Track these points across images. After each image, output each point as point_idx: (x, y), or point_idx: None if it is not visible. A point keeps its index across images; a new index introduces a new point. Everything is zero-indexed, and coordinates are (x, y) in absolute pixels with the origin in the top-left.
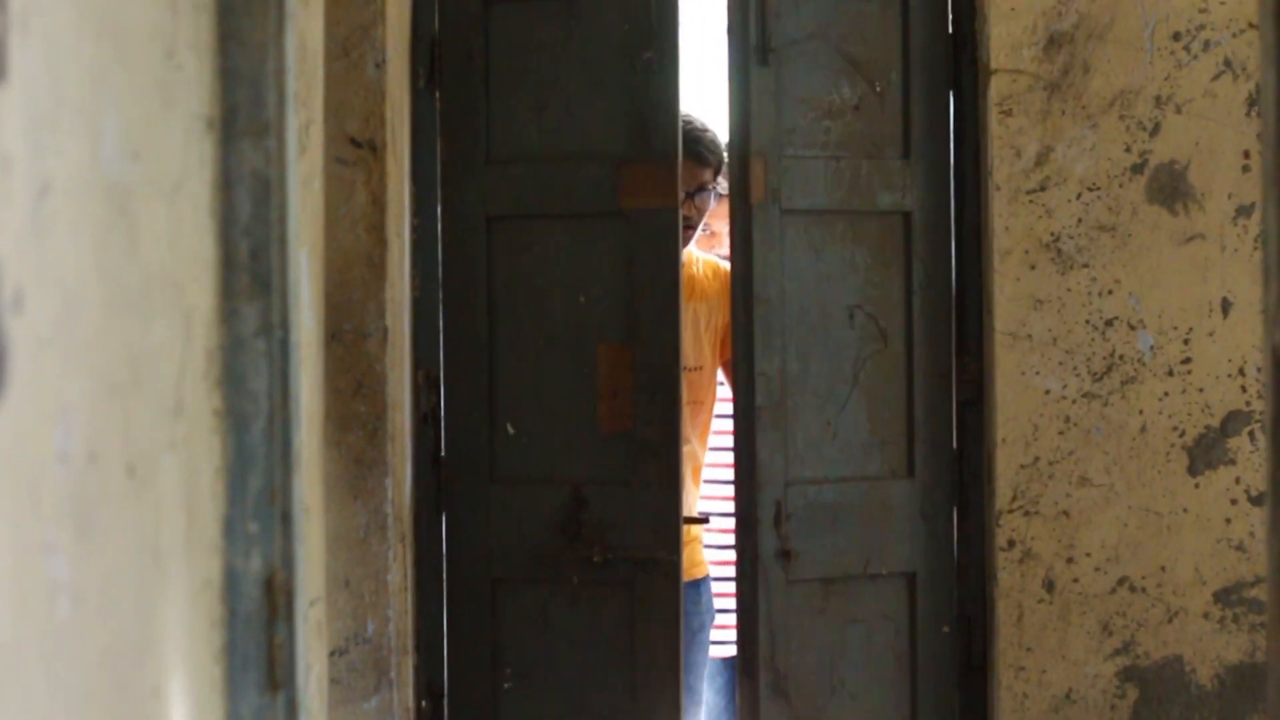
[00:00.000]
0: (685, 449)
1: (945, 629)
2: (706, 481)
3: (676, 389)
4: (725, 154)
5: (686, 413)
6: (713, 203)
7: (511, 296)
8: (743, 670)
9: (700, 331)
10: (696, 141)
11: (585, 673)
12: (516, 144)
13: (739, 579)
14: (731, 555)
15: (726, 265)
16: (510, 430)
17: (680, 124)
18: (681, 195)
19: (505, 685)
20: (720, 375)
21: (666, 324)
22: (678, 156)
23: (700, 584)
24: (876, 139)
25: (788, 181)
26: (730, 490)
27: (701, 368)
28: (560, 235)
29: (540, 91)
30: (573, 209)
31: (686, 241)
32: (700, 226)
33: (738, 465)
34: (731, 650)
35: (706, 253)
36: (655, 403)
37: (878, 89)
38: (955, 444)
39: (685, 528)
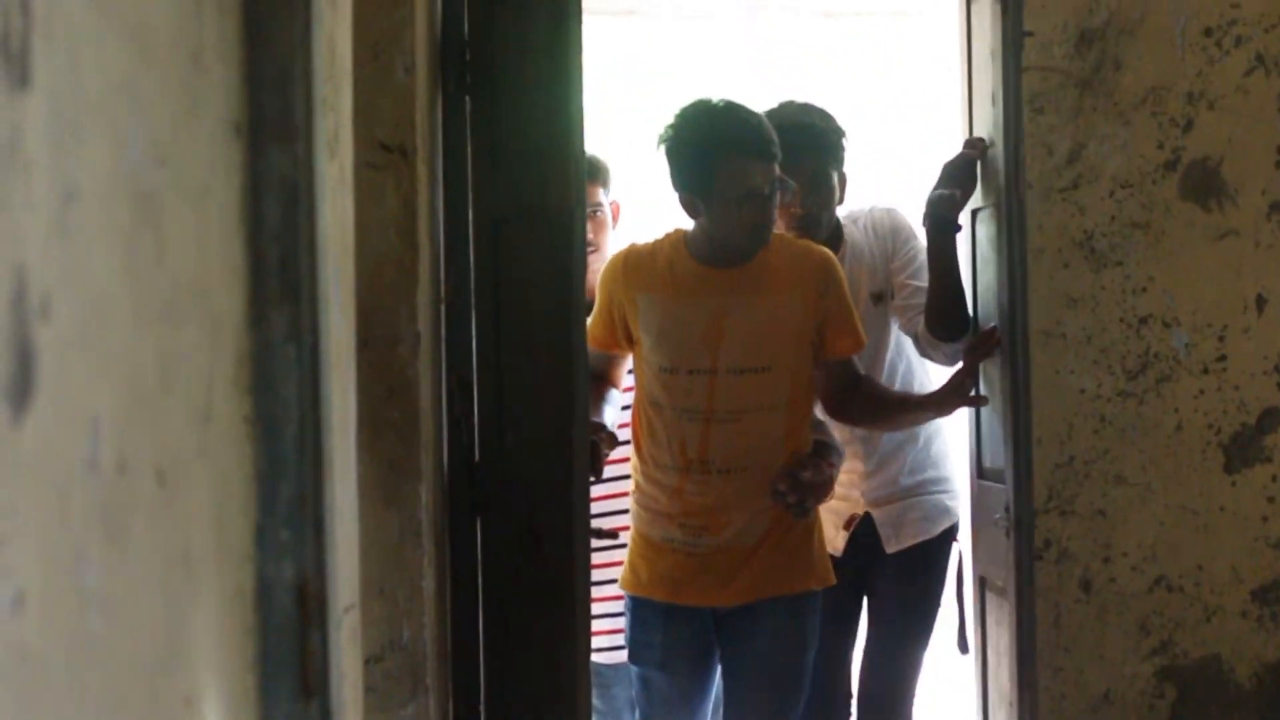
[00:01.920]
0: (734, 475)
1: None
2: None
3: None
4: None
5: (731, 431)
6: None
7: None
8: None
9: (768, 325)
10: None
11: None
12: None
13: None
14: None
15: (821, 249)
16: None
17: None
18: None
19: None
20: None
21: None
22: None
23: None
24: None
25: None
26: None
27: (768, 368)
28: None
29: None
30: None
31: (767, 238)
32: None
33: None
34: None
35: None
36: None
37: None
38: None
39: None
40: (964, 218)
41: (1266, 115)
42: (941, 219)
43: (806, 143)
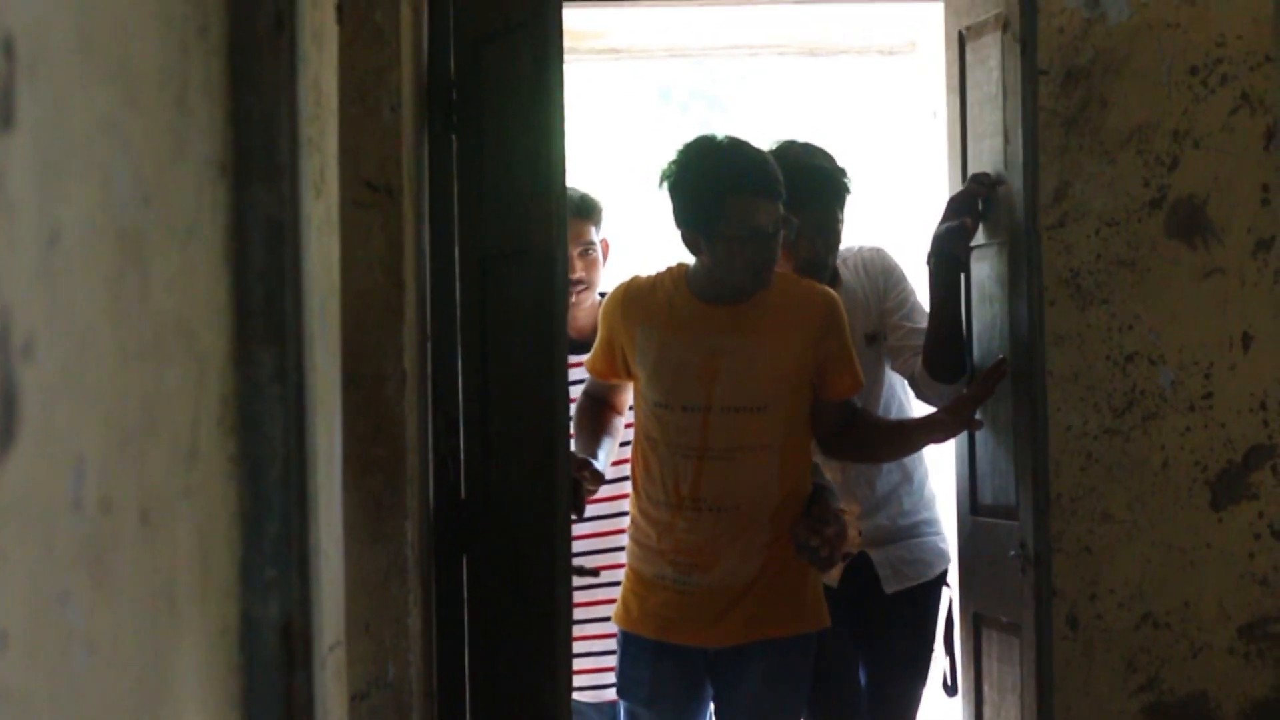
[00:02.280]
0: (726, 514)
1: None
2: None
3: None
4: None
5: (724, 469)
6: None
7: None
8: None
9: (765, 364)
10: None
11: None
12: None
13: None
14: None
15: (824, 290)
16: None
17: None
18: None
19: None
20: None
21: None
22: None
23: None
24: None
25: None
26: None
27: (763, 408)
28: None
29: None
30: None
31: (770, 277)
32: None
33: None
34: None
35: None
36: None
37: None
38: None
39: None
40: None
41: (1252, 153)
42: (950, 255)
43: (815, 185)
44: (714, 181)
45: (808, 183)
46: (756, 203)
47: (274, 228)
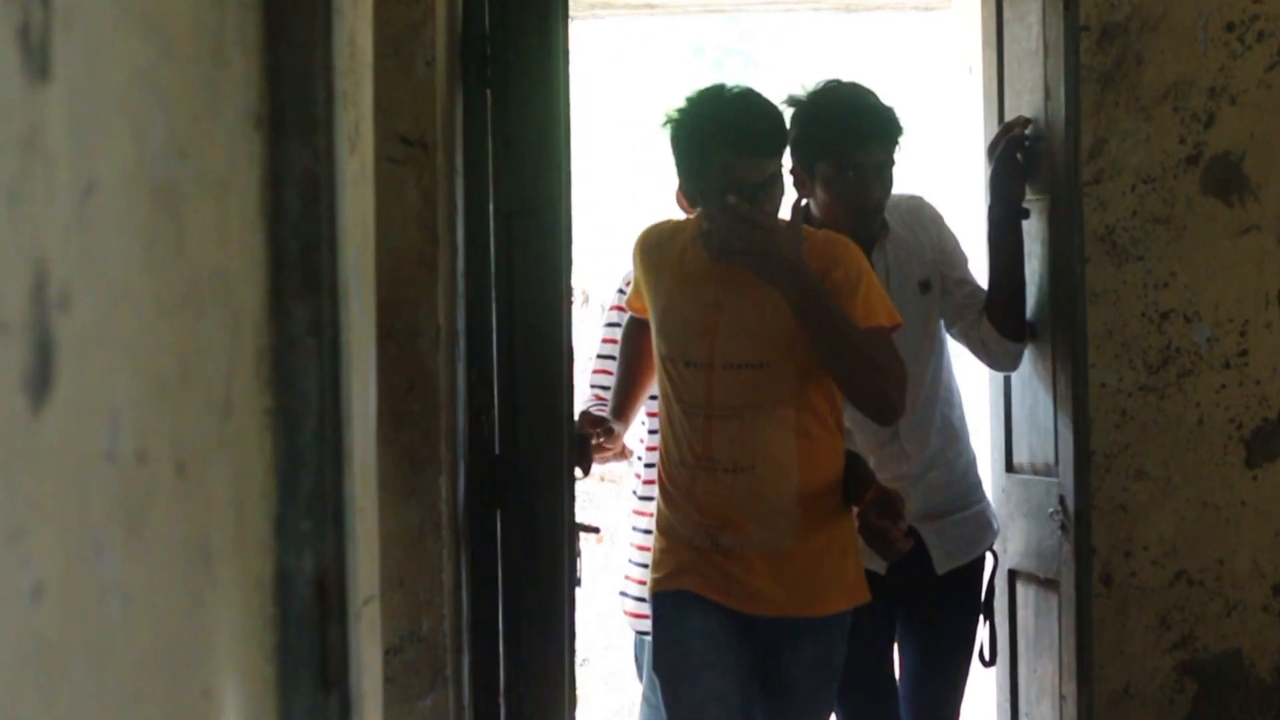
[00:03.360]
0: (742, 475)
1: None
2: None
3: None
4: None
5: (733, 428)
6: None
7: None
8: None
9: (764, 319)
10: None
11: None
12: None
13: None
14: None
15: (827, 234)
16: None
17: None
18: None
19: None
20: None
21: None
22: None
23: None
24: None
25: None
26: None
27: (765, 365)
28: None
29: None
30: None
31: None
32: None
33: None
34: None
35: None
36: None
37: None
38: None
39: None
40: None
41: None
42: (1015, 199)
43: (874, 126)
44: (702, 134)
45: (867, 124)
46: (743, 157)
47: (309, 181)
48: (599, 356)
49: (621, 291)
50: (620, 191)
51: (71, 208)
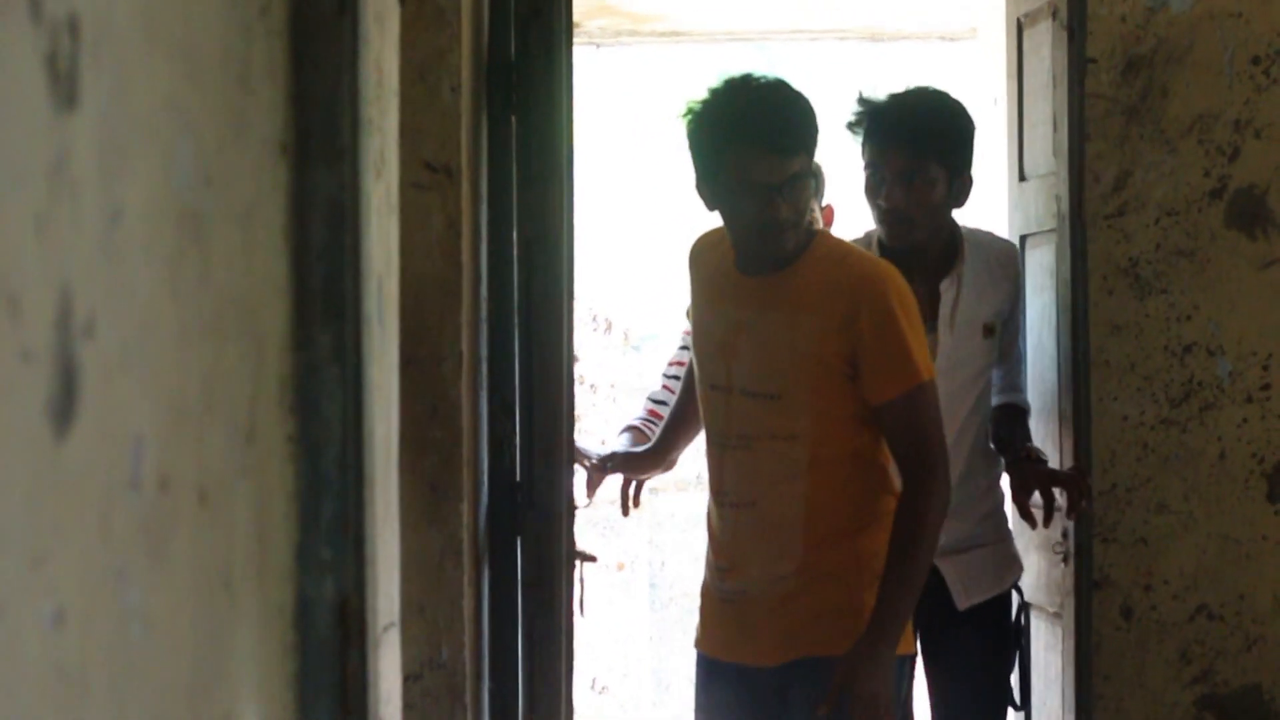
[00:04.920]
0: (745, 511)
1: None
2: None
3: None
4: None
5: (743, 459)
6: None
7: None
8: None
9: (784, 346)
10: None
11: None
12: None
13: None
14: None
15: (869, 265)
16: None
17: None
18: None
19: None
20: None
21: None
22: None
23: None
24: None
25: None
26: None
27: (777, 396)
28: None
29: None
30: None
31: (779, 242)
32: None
33: None
34: None
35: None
36: None
37: None
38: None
39: None
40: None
41: None
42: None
43: (903, 131)
44: (716, 127)
45: (894, 128)
46: (757, 154)
47: (334, 208)
48: (665, 375)
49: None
50: (644, 217)
51: (98, 235)
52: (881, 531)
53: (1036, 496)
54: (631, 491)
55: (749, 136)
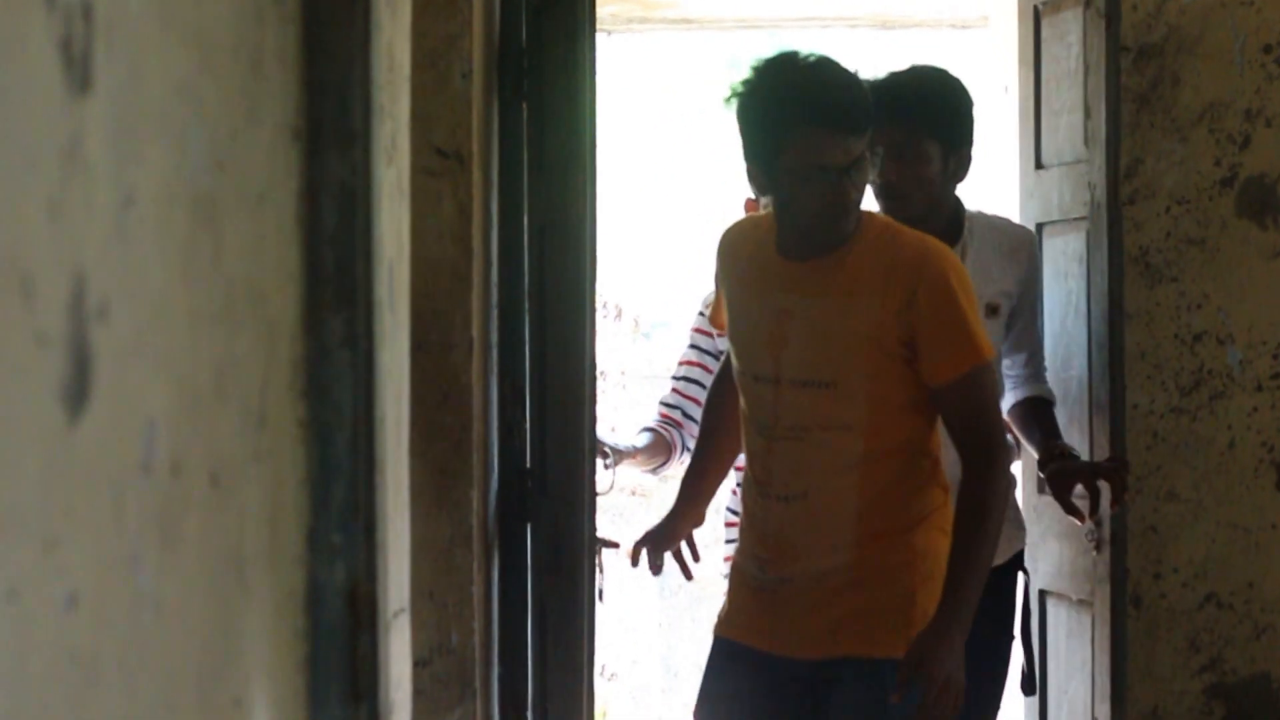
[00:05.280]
0: (795, 503)
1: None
2: None
3: None
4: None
5: (793, 451)
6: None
7: None
8: None
9: (837, 332)
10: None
11: None
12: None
13: None
14: None
15: (923, 244)
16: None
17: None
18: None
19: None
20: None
21: None
22: None
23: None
24: None
25: None
26: None
27: (832, 384)
28: None
29: None
30: None
31: (844, 225)
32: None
33: None
34: None
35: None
36: None
37: None
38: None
39: None
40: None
41: None
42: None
43: (896, 106)
44: (777, 108)
45: (891, 102)
46: (826, 135)
47: (346, 194)
48: (674, 378)
49: (702, 314)
50: (654, 204)
51: (111, 219)
52: (934, 528)
53: (1079, 487)
54: (685, 550)
55: (817, 117)
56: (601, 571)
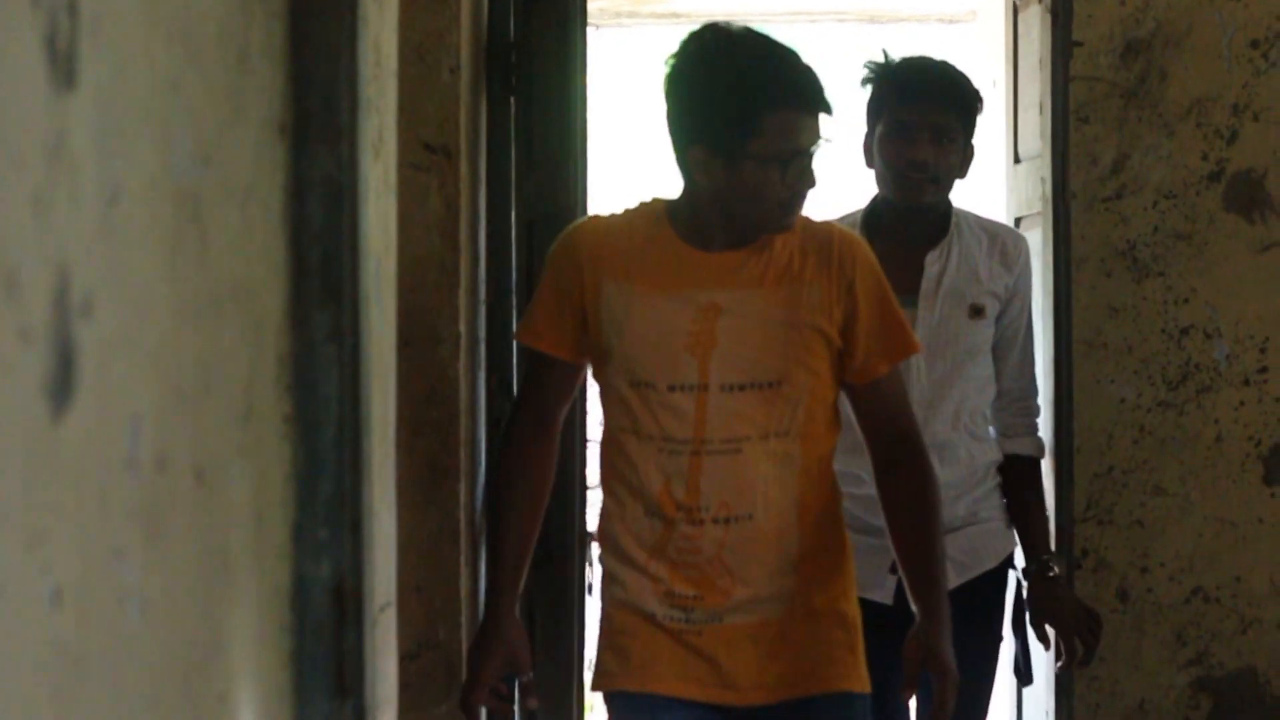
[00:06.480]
0: (736, 525)
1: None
2: None
3: None
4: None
5: (727, 467)
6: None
7: None
8: None
9: (778, 324)
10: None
11: None
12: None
13: None
14: None
15: (842, 228)
16: None
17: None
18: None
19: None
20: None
21: None
22: None
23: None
24: None
25: None
26: None
27: (777, 384)
28: None
29: None
30: None
31: (796, 212)
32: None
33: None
34: None
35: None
36: None
37: None
38: None
39: None
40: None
41: None
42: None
43: (951, 90)
44: (750, 90)
45: (940, 84)
46: (800, 117)
47: (332, 189)
48: None
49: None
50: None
51: (96, 215)
52: (847, 541)
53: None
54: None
55: (796, 99)
56: (591, 565)
